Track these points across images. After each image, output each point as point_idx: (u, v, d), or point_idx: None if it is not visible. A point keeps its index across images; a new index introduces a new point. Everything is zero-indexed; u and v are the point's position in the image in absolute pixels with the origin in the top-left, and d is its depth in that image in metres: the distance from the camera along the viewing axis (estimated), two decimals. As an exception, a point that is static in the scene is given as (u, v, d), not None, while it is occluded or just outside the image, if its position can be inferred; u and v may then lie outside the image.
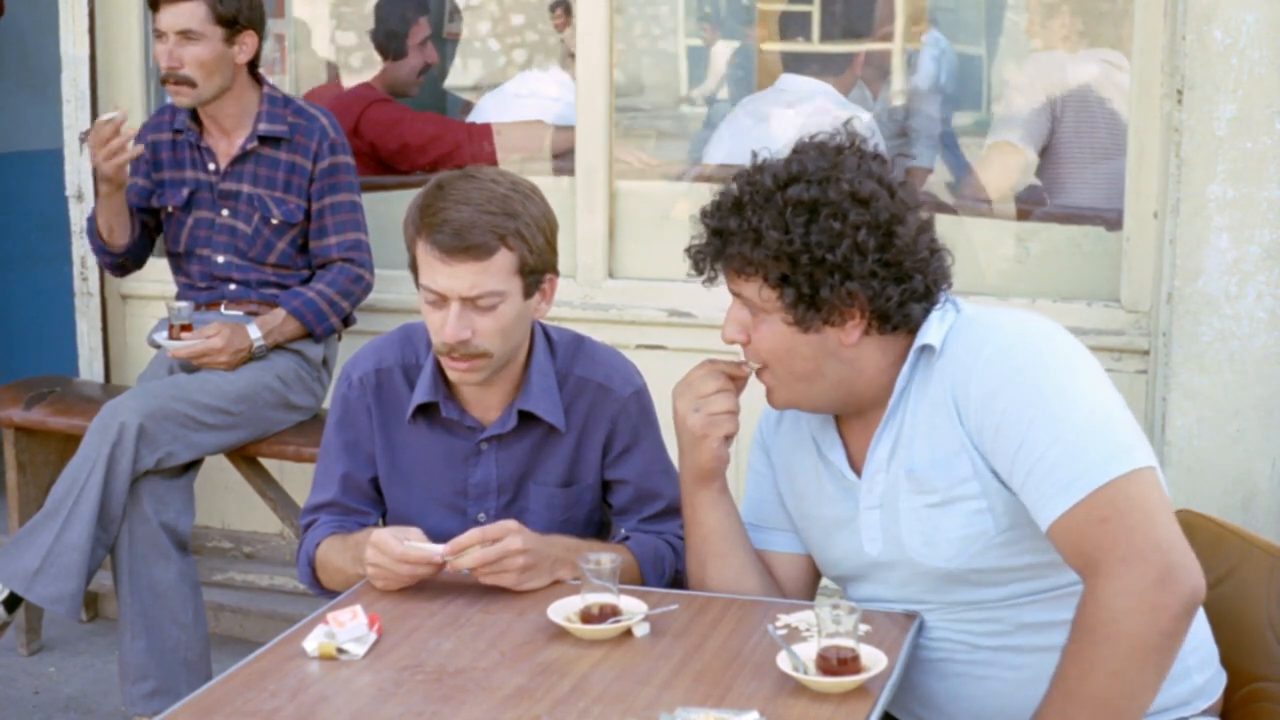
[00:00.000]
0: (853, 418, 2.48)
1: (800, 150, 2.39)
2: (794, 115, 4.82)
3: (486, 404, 2.84)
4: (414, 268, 2.73)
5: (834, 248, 2.29)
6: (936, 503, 2.34)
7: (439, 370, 2.83)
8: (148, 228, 4.35)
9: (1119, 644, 2.11)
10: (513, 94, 5.58)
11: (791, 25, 5.51)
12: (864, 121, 4.72)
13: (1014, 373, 2.26)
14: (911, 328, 2.36)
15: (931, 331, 2.36)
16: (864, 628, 2.34)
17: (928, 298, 2.36)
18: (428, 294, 2.70)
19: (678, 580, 2.85)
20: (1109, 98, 4.64)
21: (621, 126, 4.84)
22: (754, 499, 2.68)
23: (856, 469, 2.47)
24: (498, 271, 2.67)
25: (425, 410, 2.85)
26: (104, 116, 4.02)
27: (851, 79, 4.93)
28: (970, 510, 2.31)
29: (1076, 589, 2.25)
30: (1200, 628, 2.41)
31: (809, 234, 2.29)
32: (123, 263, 4.35)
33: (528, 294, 2.73)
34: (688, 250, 2.43)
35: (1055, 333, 2.34)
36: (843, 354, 2.37)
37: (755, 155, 2.43)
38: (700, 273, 2.43)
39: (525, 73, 5.91)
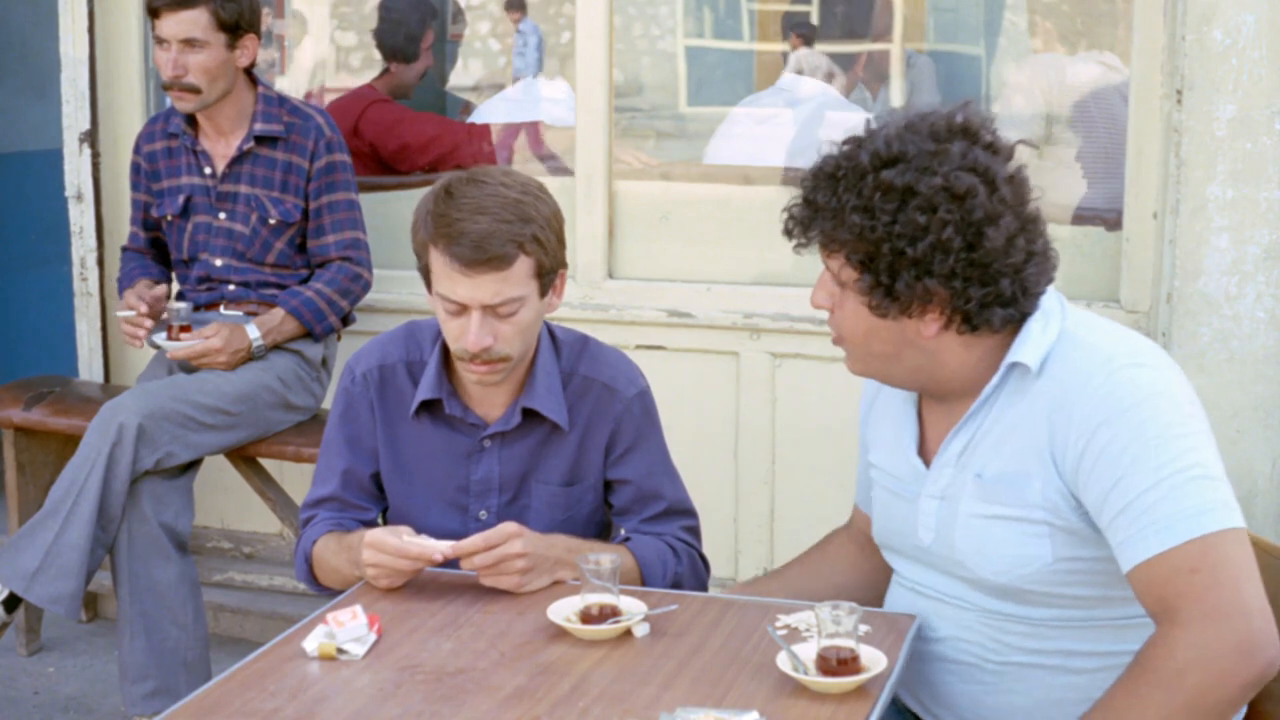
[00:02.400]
0: (934, 401, 2.43)
1: (911, 127, 2.27)
2: (794, 115, 4.83)
3: (491, 401, 2.85)
4: (425, 273, 2.73)
5: (915, 241, 2.20)
6: (997, 515, 2.28)
7: (444, 367, 2.84)
8: (159, 244, 4.41)
9: (1177, 695, 2.07)
10: (513, 96, 5.59)
11: (791, 26, 5.51)
12: (863, 122, 4.72)
13: (1124, 409, 2.17)
14: (996, 329, 2.28)
15: (1029, 348, 2.27)
16: (864, 628, 2.33)
17: (1015, 303, 2.26)
18: (446, 303, 2.69)
19: (678, 583, 2.85)
20: (1108, 99, 4.64)
21: (621, 127, 4.84)
22: (860, 467, 2.67)
23: (925, 454, 2.44)
24: (518, 279, 2.68)
25: (429, 407, 2.86)
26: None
27: (853, 79, 4.94)
28: (1029, 533, 2.26)
29: (1122, 623, 2.23)
30: None
31: (894, 223, 2.21)
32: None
33: (543, 294, 2.75)
34: (783, 212, 2.36)
35: (1168, 374, 2.24)
36: (922, 344, 2.30)
37: (869, 122, 2.33)
38: (790, 238, 2.36)
39: (526, 78, 5.92)
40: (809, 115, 4.81)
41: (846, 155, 2.28)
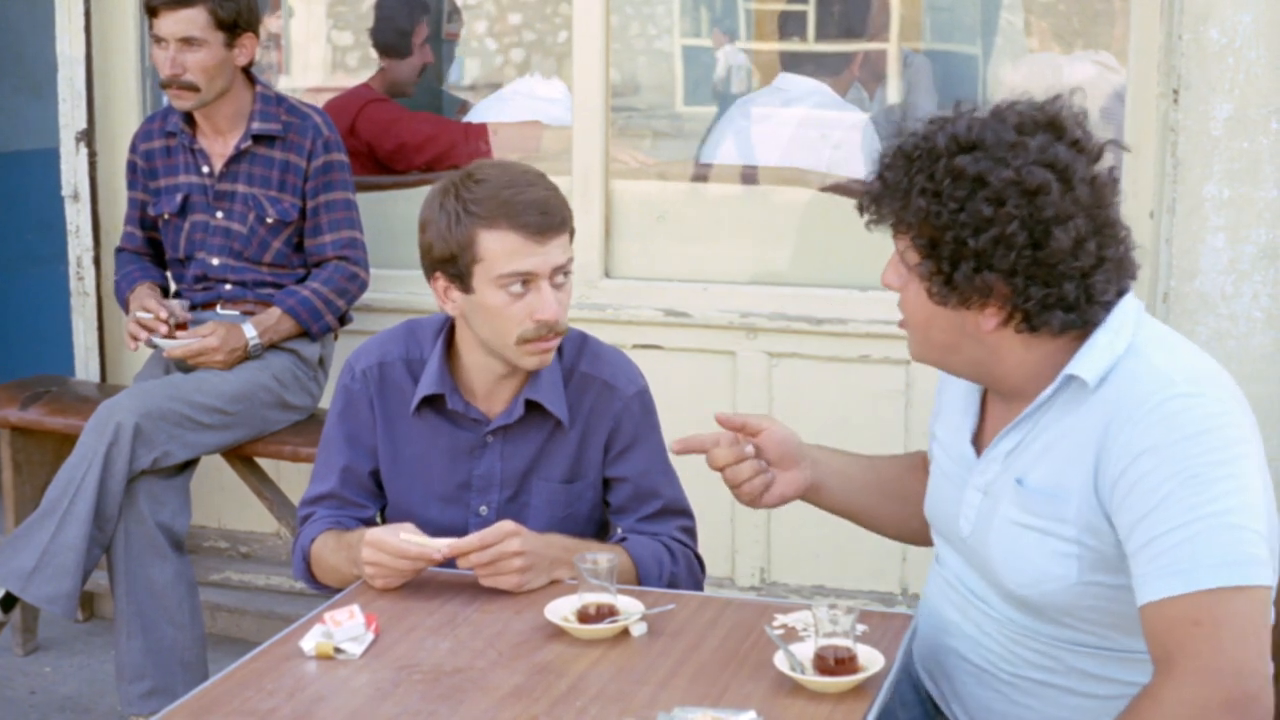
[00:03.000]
0: (995, 399, 2.40)
1: (997, 114, 2.23)
2: (791, 115, 4.83)
3: (494, 397, 2.85)
4: (467, 269, 2.70)
5: (979, 233, 2.16)
6: (1030, 526, 2.25)
7: (445, 362, 2.84)
8: (155, 244, 4.41)
9: None
10: (509, 95, 5.58)
11: (787, 25, 5.51)
12: (859, 121, 4.73)
13: (1171, 441, 2.10)
14: (1057, 333, 2.22)
15: (1089, 363, 2.21)
16: (861, 628, 2.34)
17: (1079, 309, 2.20)
18: (511, 280, 2.69)
19: (674, 583, 2.85)
20: (1104, 98, 4.64)
21: (617, 126, 4.84)
22: (930, 423, 2.65)
23: (979, 442, 2.41)
24: (570, 244, 2.75)
25: (430, 403, 2.86)
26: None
27: (849, 79, 4.93)
28: (1058, 550, 2.22)
29: (1140, 656, 2.17)
30: None
31: (961, 211, 2.17)
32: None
33: None
34: (863, 183, 2.34)
35: (1226, 405, 2.16)
36: (981, 338, 2.26)
37: (958, 104, 2.28)
38: (861, 214, 2.33)
39: (522, 78, 5.91)
40: (805, 115, 4.80)
41: (925, 136, 2.24)
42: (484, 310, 2.73)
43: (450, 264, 2.72)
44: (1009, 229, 2.15)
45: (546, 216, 2.68)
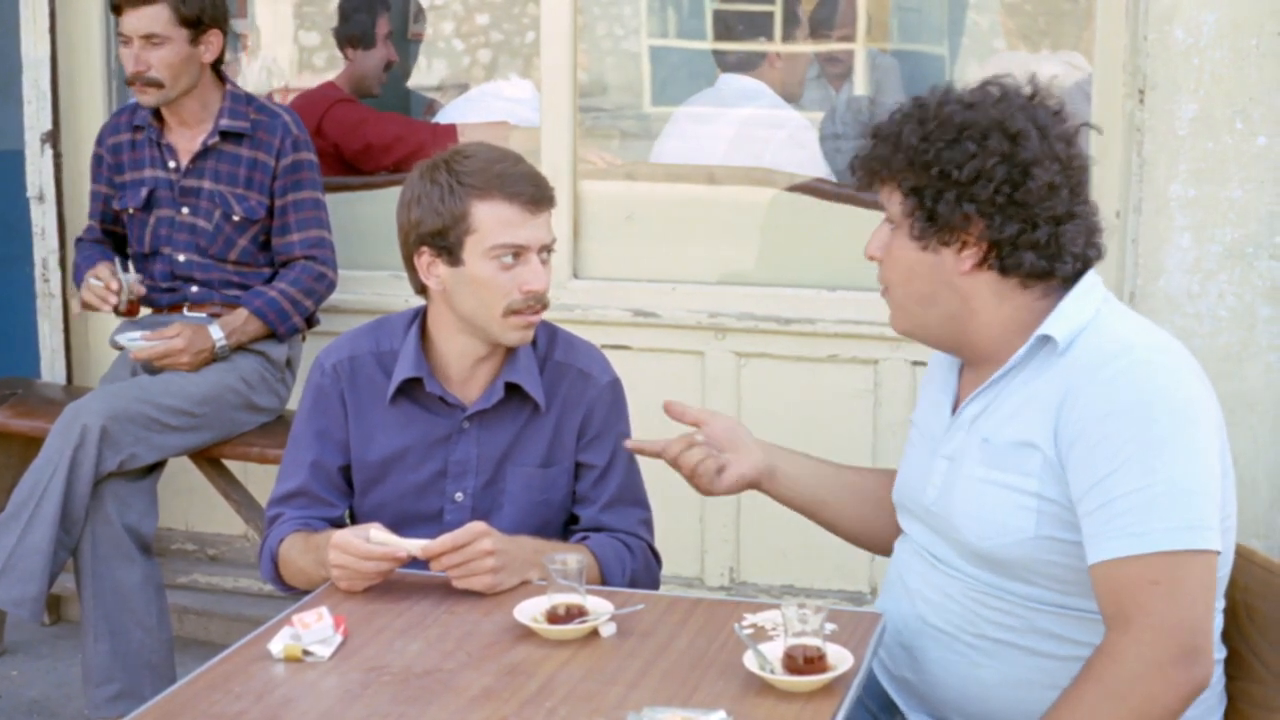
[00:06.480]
0: (968, 370, 2.49)
1: (985, 81, 2.41)
2: (732, 115, 4.83)
3: (471, 382, 2.87)
4: (459, 237, 2.75)
5: (961, 166, 2.30)
6: (994, 481, 2.34)
7: (422, 348, 2.86)
8: (116, 237, 4.37)
9: (1121, 704, 2.12)
10: (477, 96, 5.58)
11: (754, 25, 5.51)
12: (797, 122, 4.74)
13: (1131, 404, 2.21)
14: (1026, 282, 2.35)
15: (1061, 324, 2.33)
16: (830, 627, 2.34)
17: (1049, 255, 2.33)
18: (503, 251, 2.74)
19: (634, 579, 2.87)
20: (1071, 98, 4.65)
21: (585, 126, 4.84)
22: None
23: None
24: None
25: (406, 391, 2.86)
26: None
27: (771, 71, 4.92)
28: (1017, 504, 2.30)
29: (1094, 615, 2.24)
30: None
31: (946, 149, 2.32)
32: None
33: None
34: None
35: (1188, 379, 2.28)
36: (957, 284, 2.37)
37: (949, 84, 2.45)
38: (853, 174, 2.47)
39: (491, 81, 5.91)
40: (747, 115, 4.81)
41: (916, 98, 2.41)
42: (472, 282, 2.76)
43: (440, 236, 2.76)
44: (989, 163, 2.30)
45: (539, 189, 2.76)
